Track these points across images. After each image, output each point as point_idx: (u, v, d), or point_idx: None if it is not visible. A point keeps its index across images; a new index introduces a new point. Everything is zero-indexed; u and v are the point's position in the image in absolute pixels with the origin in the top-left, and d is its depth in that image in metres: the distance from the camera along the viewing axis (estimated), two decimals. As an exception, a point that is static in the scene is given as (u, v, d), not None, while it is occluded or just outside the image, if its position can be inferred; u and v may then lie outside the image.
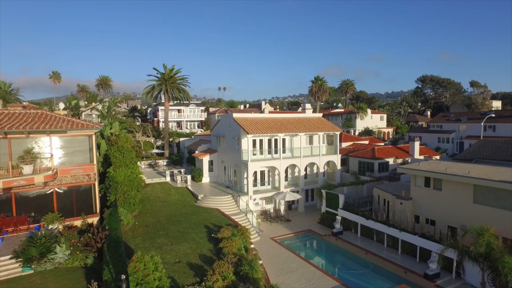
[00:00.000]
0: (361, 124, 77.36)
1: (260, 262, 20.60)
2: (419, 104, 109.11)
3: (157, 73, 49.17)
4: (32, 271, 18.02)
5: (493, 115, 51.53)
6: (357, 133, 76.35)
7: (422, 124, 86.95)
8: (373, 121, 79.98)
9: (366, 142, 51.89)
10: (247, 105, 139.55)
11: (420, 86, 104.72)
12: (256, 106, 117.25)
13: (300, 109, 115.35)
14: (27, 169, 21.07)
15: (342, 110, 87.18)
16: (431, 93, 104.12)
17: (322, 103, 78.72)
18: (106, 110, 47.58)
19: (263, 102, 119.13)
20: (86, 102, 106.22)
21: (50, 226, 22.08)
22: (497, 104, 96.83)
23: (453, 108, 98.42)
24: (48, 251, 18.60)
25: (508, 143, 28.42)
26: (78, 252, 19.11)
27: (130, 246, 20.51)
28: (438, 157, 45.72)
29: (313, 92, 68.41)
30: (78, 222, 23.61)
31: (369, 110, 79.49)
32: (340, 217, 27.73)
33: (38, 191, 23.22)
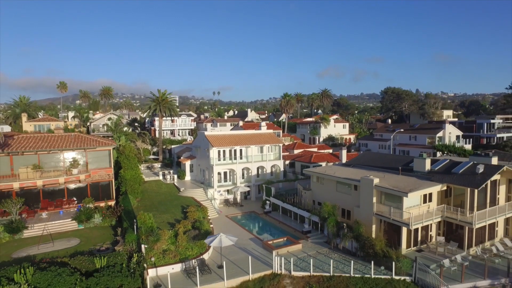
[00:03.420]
0: (325, 132, 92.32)
1: (212, 226, 35.45)
2: (391, 112, 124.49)
3: (153, 96, 64.31)
4: (83, 227, 32.98)
5: (402, 130, 66.84)
6: (321, 139, 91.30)
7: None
8: (336, 129, 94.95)
9: (315, 149, 66.38)
10: (236, 112, 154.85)
11: (384, 96, 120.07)
12: (244, 113, 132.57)
13: (283, 116, 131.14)
14: (75, 171, 35.93)
15: (312, 119, 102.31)
16: (395, 103, 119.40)
17: (291, 115, 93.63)
18: (114, 125, 62.49)
19: (248, 110, 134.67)
20: (91, 111, 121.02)
21: (87, 205, 36.85)
22: (448, 113, 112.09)
23: (412, 116, 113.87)
24: (90, 217, 33.55)
25: (379, 154, 43.21)
26: (107, 218, 34.07)
27: (136, 215, 35.40)
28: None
29: (282, 106, 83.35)
30: (102, 204, 38.32)
31: (332, 120, 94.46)
32: (271, 202, 42.73)
33: (78, 185, 38.08)
